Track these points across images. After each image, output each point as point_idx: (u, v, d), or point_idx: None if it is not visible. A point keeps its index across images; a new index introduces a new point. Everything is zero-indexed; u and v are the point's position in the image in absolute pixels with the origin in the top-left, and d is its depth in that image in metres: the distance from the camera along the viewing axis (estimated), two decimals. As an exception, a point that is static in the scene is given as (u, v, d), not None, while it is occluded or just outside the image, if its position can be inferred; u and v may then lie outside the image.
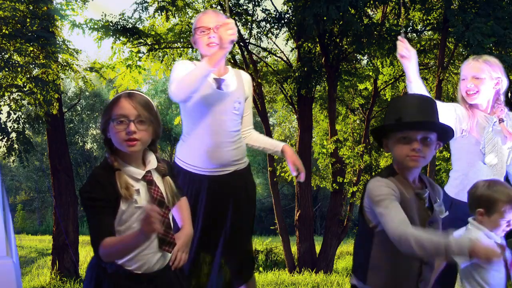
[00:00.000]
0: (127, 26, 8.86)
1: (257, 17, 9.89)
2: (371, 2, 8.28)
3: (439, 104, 2.88)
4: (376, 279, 1.97)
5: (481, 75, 2.77)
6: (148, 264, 1.94)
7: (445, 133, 2.00)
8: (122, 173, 1.90)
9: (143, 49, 9.57)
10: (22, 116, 7.57)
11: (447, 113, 2.79)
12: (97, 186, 1.85)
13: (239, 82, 2.75)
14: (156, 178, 2.00)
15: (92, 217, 1.85)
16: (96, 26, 8.54)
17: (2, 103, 7.17)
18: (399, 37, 2.69)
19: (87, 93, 23.46)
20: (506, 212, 2.24)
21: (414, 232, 1.74)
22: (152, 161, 2.00)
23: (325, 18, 7.34)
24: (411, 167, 1.93)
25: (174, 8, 9.22)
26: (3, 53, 6.79)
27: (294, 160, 2.80)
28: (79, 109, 25.46)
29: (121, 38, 8.92)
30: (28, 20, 6.68)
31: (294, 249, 9.95)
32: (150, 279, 1.95)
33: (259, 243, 11.88)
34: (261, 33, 9.87)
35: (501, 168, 2.83)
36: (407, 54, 2.66)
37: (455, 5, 7.90)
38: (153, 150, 2.04)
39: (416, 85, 2.70)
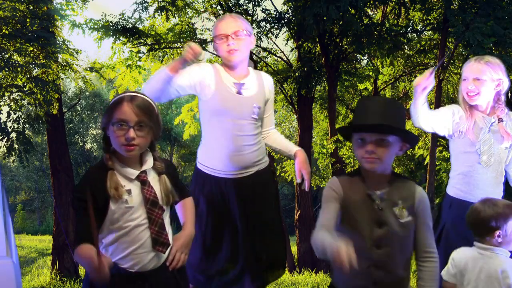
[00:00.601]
0: (127, 26, 8.87)
1: (257, 17, 9.90)
2: (371, 2, 8.28)
3: (439, 109, 2.90)
4: (336, 274, 2.06)
5: (482, 76, 2.77)
6: (142, 263, 1.94)
7: (406, 135, 1.99)
8: (114, 173, 1.91)
9: (143, 49, 9.58)
10: (22, 116, 7.58)
11: (445, 117, 2.81)
12: (87, 186, 1.86)
13: (259, 86, 2.74)
14: (152, 177, 2.00)
15: (77, 219, 1.91)
16: (96, 26, 8.55)
17: (2, 103, 7.17)
18: (429, 70, 2.64)
19: (87, 93, 23.48)
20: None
21: (319, 235, 1.82)
22: (149, 161, 2.00)
23: (325, 18, 7.35)
24: (367, 169, 1.96)
25: (174, 8, 9.22)
26: (3, 53, 6.79)
27: (302, 167, 2.78)
28: (79, 109, 25.47)
29: (121, 38, 8.92)
30: (28, 20, 6.69)
31: (294, 249, 9.95)
32: (145, 278, 1.95)
33: (259, 243, 11.89)
34: (261, 33, 9.88)
35: (498, 168, 2.84)
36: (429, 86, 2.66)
37: (455, 5, 7.90)
38: (151, 149, 2.04)
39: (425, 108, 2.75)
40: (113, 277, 1.88)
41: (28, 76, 6.96)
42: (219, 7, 9.82)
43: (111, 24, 8.73)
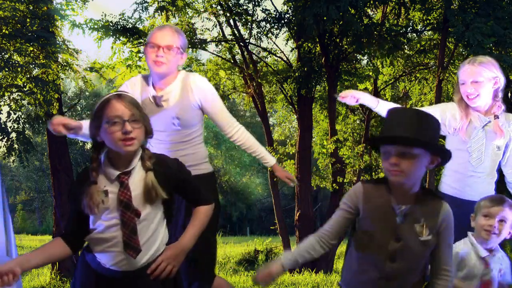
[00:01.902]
0: (127, 26, 8.87)
1: (257, 17, 9.90)
2: (371, 2, 8.28)
3: (427, 108, 2.95)
4: (345, 276, 2.06)
5: (479, 78, 2.81)
6: (113, 261, 1.95)
7: (436, 149, 1.95)
8: (95, 188, 1.93)
9: (143, 49, 9.57)
10: (22, 116, 7.58)
11: (436, 114, 2.83)
12: (75, 196, 1.98)
13: (183, 94, 2.68)
14: (140, 176, 1.97)
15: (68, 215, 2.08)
16: (96, 26, 8.54)
17: (2, 103, 7.18)
18: (336, 95, 2.96)
19: (87, 93, 23.47)
20: (485, 208, 2.38)
21: (306, 239, 2.03)
22: (134, 161, 1.98)
23: (325, 18, 7.35)
24: (392, 181, 1.92)
25: (174, 8, 9.22)
26: (3, 53, 6.80)
27: (284, 175, 2.96)
28: (79, 109, 25.46)
29: (121, 38, 8.92)
30: (28, 20, 6.69)
31: (294, 249, 9.94)
32: (120, 279, 1.96)
33: (259, 243, 11.88)
34: (261, 33, 9.88)
35: (490, 166, 2.87)
36: (351, 101, 2.90)
37: (455, 5, 7.90)
38: (142, 147, 2.03)
39: (383, 105, 2.91)
40: (87, 269, 1.99)
41: (28, 76, 6.96)
42: (219, 7, 9.82)
43: (111, 24, 8.73)
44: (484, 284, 2.36)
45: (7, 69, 6.72)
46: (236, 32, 9.88)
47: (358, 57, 10.40)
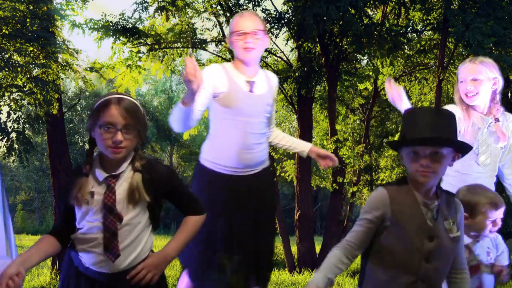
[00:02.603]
0: (127, 26, 8.87)
1: (257, 17, 9.88)
2: (371, 2, 8.28)
3: None
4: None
5: (480, 76, 2.82)
6: (92, 261, 1.97)
7: (461, 146, 1.95)
8: (84, 181, 1.97)
9: (143, 49, 9.58)
10: (22, 116, 7.57)
11: None
12: (66, 189, 2.00)
13: (268, 84, 2.77)
14: (127, 177, 1.98)
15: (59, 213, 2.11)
16: (96, 26, 8.54)
17: (2, 103, 7.17)
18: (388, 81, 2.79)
19: (87, 93, 23.46)
20: (488, 213, 2.35)
21: (332, 252, 1.95)
22: (123, 165, 1.98)
23: (325, 18, 7.35)
24: (421, 182, 1.91)
25: (174, 8, 9.22)
26: (3, 53, 6.79)
27: (326, 156, 2.91)
28: (79, 109, 25.48)
29: (121, 38, 8.92)
30: (28, 20, 6.68)
31: (294, 249, 9.95)
32: (100, 280, 1.98)
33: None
34: (261, 33, 9.86)
35: (493, 167, 2.90)
36: (394, 94, 2.77)
37: (455, 5, 7.90)
38: (136, 149, 2.02)
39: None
40: (72, 268, 2.03)
41: (28, 76, 6.96)
42: (219, 7, 9.82)
43: (111, 24, 8.72)
44: (472, 268, 2.39)
45: (7, 69, 6.71)
46: (236, 32, 9.87)
47: (358, 57, 10.41)
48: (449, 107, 2.93)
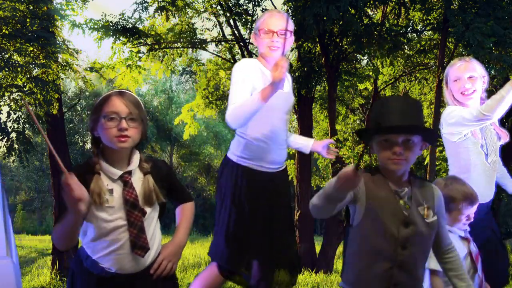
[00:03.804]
0: (127, 26, 8.87)
1: (257, 17, 9.88)
2: (371, 2, 8.28)
3: (460, 112, 2.89)
4: (348, 276, 2.01)
5: (475, 73, 2.85)
6: (119, 265, 1.92)
7: (430, 134, 1.99)
8: (99, 178, 1.91)
9: (143, 49, 9.58)
10: (22, 116, 7.57)
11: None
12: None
13: (289, 82, 2.84)
14: (138, 178, 1.98)
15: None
16: (96, 26, 8.55)
17: (2, 103, 7.17)
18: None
19: (87, 93, 23.47)
20: (464, 209, 2.40)
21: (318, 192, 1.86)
22: (135, 161, 1.98)
23: (325, 18, 7.34)
24: (393, 170, 1.93)
25: (174, 8, 9.23)
26: (3, 53, 6.79)
27: (324, 143, 3.00)
28: (79, 109, 25.47)
29: (121, 38, 8.92)
30: (28, 20, 6.69)
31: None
32: (124, 281, 1.94)
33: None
34: (261, 33, 9.85)
35: (498, 165, 2.90)
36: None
37: (455, 5, 7.89)
38: (139, 149, 2.03)
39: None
40: (90, 276, 1.93)
41: (28, 76, 6.96)
42: (219, 7, 9.82)
43: (111, 24, 8.72)
44: (474, 256, 2.42)
45: (7, 69, 6.72)
46: (236, 32, 9.88)
47: (358, 57, 10.40)
48: (449, 108, 2.92)
